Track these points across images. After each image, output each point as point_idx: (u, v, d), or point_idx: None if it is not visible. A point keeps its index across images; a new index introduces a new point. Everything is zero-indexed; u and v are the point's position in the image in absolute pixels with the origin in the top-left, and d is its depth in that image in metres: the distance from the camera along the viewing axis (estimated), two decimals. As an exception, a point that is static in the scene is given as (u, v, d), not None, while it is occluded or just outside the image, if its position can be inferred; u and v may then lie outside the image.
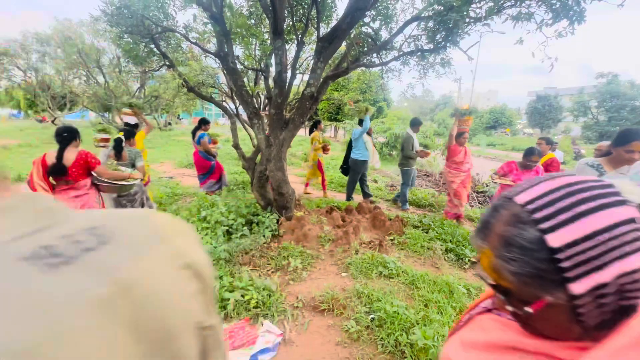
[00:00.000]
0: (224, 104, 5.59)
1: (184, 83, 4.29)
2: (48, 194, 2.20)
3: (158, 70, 4.83)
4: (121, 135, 3.48)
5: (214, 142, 5.50)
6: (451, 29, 3.22)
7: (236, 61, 3.96)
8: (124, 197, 3.35)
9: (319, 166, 5.86)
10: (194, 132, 5.38)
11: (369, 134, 5.36)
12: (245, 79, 4.93)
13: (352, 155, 5.41)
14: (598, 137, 22.92)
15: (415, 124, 5.39)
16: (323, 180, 5.96)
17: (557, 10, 2.85)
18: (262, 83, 5.54)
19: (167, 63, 4.18)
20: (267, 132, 3.87)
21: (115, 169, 3.15)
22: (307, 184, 6.19)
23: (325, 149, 5.85)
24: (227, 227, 3.54)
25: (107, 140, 3.60)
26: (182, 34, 3.85)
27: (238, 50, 5.29)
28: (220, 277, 2.63)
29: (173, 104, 17.56)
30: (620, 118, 22.90)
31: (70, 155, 2.56)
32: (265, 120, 4.24)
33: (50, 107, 21.01)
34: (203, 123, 5.39)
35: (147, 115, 22.22)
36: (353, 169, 5.45)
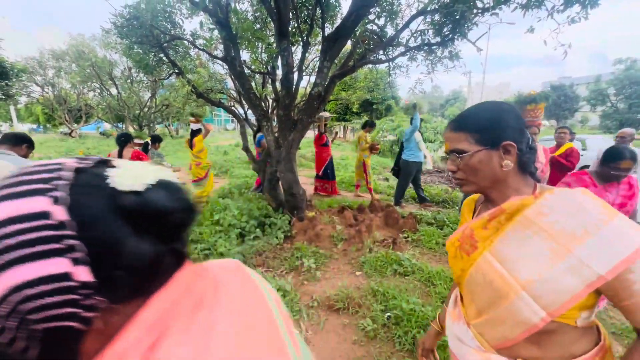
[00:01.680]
0: (233, 108, 5.66)
1: (193, 90, 4.37)
2: None
3: (167, 78, 4.94)
4: (149, 139, 4.61)
5: None
6: (458, 21, 3.16)
7: (243, 65, 4.01)
8: None
9: (364, 167, 5.72)
10: (254, 135, 5.95)
11: (419, 130, 5.05)
12: (252, 83, 4.98)
13: (404, 157, 5.11)
14: (618, 126, 22.05)
15: None
16: (367, 183, 5.78)
17: (568, -5, 2.76)
18: (269, 86, 5.58)
19: (176, 71, 4.26)
20: (276, 133, 3.90)
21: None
22: (357, 186, 6.09)
23: (373, 148, 5.68)
24: (240, 230, 3.57)
25: (140, 144, 4.51)
26: (189, 41, 3.92)
27: (245, 55, 5.35)
28: (235, 279, 2.66)
29: (183, 111, 17.89)
30: (641, 105, 22.00)
31: (127, 154, 3.32)
32: (274, 123, 4.27)
33: (67, 120, 21.77)
34: None
35: (159, 124, 22.71)
36: (404, 171, 5.14)
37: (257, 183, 5.82)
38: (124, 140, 3.41)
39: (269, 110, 6.54)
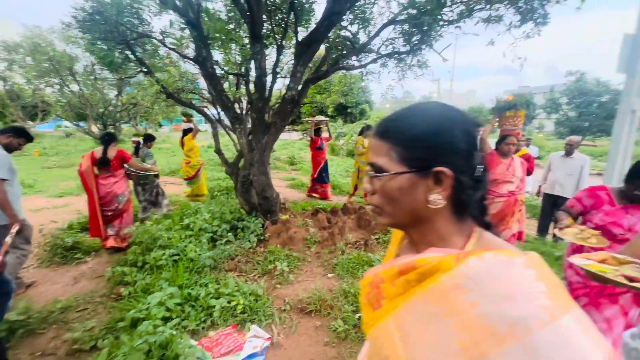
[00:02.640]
0: (205, 109, 5.51)
1: (162, 89, 4.21)
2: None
3: (134, 77, 4.75)
4: (141, 139, 4.82)
5: None
6: (425, 32, 3.32)
7: (216, 66, 3.93)
8: (142, 185, 4.42)
9: (358, 173, 5.70)
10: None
11: None
12: (226, 84, 4.90)
13: None
14: (569, 132, 24.00)
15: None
16: (354, 186, 5.82)
17: (523, 12, 3.01)
18: (243, 88, 5.50)
19: (144, 69, 4.09)
20: (249, 136, 3.86)
21: (140, 163, 4.31)
22: (365, 195, 5.93)
23: None
24: (211, 234, 3.49)
25: (137, 142, 4.79)
26: (158, 40, 3.79)
27: (217, 55, 5.24)
28: (206, 285, 2.60)
29: (152, 111, 17.16)
30: (589, 113, 24.12)
31: (111, 152, 3.51)
32: (248, 125, 4.23)
33: (20, 118, 20.09)
34: None
35: (125, 124, 21.60)
36: None
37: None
38: (107, 140, 3.58)
39: (244, 112, 6.46)
